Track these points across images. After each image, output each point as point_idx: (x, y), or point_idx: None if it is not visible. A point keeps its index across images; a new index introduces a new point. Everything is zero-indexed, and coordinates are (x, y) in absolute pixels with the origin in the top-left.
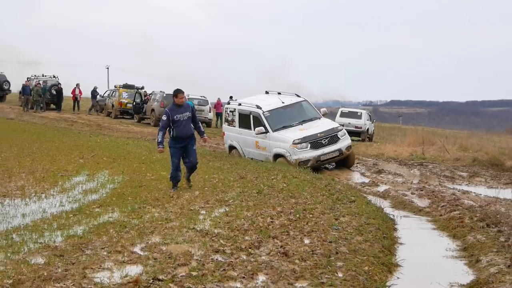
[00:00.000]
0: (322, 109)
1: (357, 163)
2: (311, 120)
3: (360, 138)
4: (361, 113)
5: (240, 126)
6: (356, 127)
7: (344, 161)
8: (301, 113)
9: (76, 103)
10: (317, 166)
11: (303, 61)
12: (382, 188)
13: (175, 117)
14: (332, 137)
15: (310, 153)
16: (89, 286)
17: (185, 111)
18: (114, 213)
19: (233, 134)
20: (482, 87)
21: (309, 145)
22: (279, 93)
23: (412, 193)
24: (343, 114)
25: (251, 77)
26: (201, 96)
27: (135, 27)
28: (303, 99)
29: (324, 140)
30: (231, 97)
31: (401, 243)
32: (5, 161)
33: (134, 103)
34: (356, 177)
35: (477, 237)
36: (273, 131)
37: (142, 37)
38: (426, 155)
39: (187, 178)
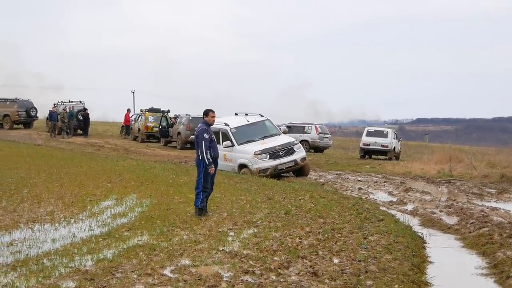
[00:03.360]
0: (282, 127)
1: (384, 182)
2: (271, 136)
3: (386, 157)
4: (388, 131)
5: None
6: (383, 146)
7: (300, 171)
8: (263, 130)
9: (127, 128)
10: (276, 174)
11: (324, 81)
12: (410, 206)
13: (212, 136)
14: (288, 149)
15: (269, 163)
16: None
17: (212, 132)
18: (143, 236)
19: None
20: (509, 103)
21: (268, 156)
22: (246, 114)
23: (441, 211)
24: (369, 133)
25: (271, 97)
26: None
27: (156, 51)
28: (266, 119)
29: (282, 152)
30: (236, 114)
31: (430, 261)
32: (34, 187)
33: (160, 127)
34: (384, 195)
35: (507, 253)
36: (238, 145)
37: (164, 61)
38: (453, 172)
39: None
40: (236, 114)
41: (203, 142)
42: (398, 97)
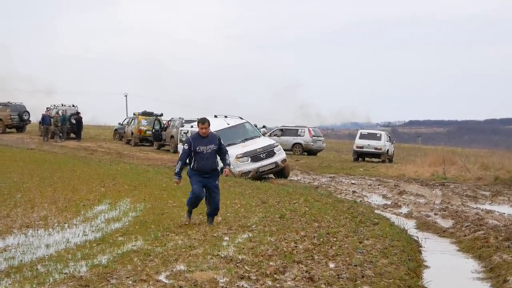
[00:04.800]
0: (262, 129)
1: (378, 185)
2: (252, 138)
3: (380, 160)
4: (381, 134)
5: None
6: (376, 148)
7: (281, 172)
8: (243, 132)
9: None
10: (258, 176)
11: (315, 82)
12: (404, 209)
13: (197, 148)
14: (269, 152)
15: (251, 166)
16: None
17: (210, 143)
18: (138, 241)
19: None
20: (501, 105)
21: (249, 159)
22: (225, 116)
23: (435, 214)
24: (362, 136)
25: (262, 99)
26: None
27: (148, 54)
28: (246, 121)
29: (262, 155)
30: (215, 116)
31: (426, 266)
32: (27, 192)
33: (154, 130)
34: (378, 199)
35: (503, 256)
36: None
37: (156, 64)
38: (447, 175)
39: (210, 222)
40: (215, 116)
41: (180, 152)
42: (389, 99)
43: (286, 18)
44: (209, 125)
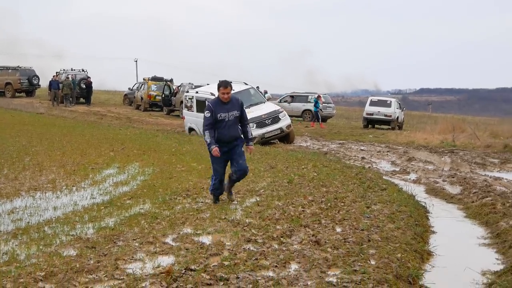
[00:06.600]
0: (266, 95)
1: (387, 152)
2: (257, 104)
3: (390, 127)
4: (391, 101)
5: (197, 111)
6: (386, 115)
7: (286, 138)
8: (248, 98)
9: None
10: (263, 141)
11: (324, 49)
12: (413, 175)
13: (218, 115)
14: (274, 117)
15: (256, 131)
16: (122, 277)
17: (232, 109)
18: (145, 204)
19: (192, 118)
20: None
21: (255, 125)
22: (230, 82)
23: (444, 180)
24: (373, 103)
25: (272, 65)
26: None
27: (157, 19)
28: (250, 87)
29: (268, 121)
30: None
31: (433, 231)
32: (36, 155)
33: (163, 96)
34: (387, 165)
35: (510, 223)
36: None
37: (166, 29)
38: (456, 142)
39: (229, 189)
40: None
41: (203, 121)
42: (399, 66)
43: None
44: (231, 89)
